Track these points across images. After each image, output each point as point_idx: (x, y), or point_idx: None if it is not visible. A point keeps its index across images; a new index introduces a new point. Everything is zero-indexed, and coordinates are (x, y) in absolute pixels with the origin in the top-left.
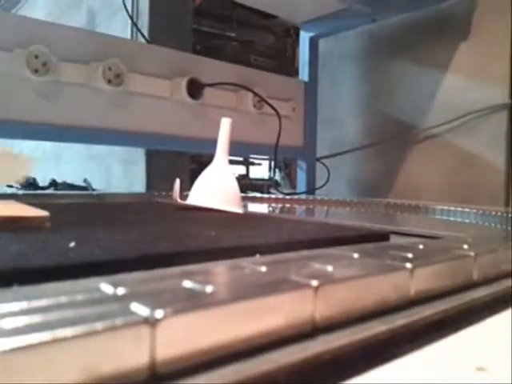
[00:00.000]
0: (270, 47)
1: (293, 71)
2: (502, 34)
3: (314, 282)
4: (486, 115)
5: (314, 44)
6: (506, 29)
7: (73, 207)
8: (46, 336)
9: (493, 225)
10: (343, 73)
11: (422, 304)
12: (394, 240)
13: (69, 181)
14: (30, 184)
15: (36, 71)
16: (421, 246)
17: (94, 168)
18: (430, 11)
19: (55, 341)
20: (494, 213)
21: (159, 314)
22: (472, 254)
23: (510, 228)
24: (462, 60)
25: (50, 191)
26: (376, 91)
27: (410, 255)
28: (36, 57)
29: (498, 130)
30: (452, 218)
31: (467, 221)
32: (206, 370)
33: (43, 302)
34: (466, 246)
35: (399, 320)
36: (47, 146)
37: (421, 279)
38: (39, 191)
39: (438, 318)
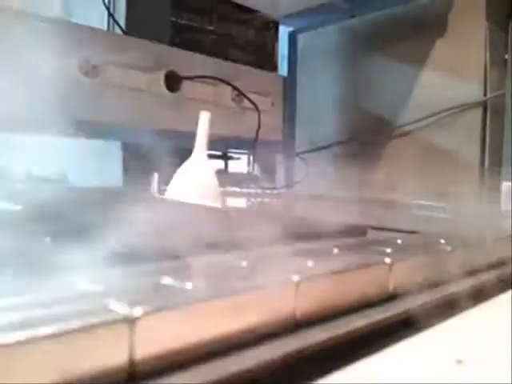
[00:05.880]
0: (250, 41)
1: (272, 66)
2: (478, 31)
3: (295, 278)
4: (460, 112)
5: (293, 39)
6: (482, 26)
7: (47, 201)
8: (20, 335)
9: None
10: (321, 68)
11: (401, 298)
12: (373, 235)
13: (43, 174)
14: None
15: None
16: (399, 241)
17: (68, 161)
18: (407, 8)
19: (30, 340)
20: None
21: (138, 311)
22: (448, 248)
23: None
24: (439, 57)
25: (23, 184)
26: (353, 87)
27: (388, 250)
28: None
29: (473, 126)
30: (428, 213)
31: (442, 216)
32: (186, 368)
33: (18, 300)
34: (442, 241)
35: (379, 314)
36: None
37: (400, 274)
38: (10, 184)
39: (417, 311)
